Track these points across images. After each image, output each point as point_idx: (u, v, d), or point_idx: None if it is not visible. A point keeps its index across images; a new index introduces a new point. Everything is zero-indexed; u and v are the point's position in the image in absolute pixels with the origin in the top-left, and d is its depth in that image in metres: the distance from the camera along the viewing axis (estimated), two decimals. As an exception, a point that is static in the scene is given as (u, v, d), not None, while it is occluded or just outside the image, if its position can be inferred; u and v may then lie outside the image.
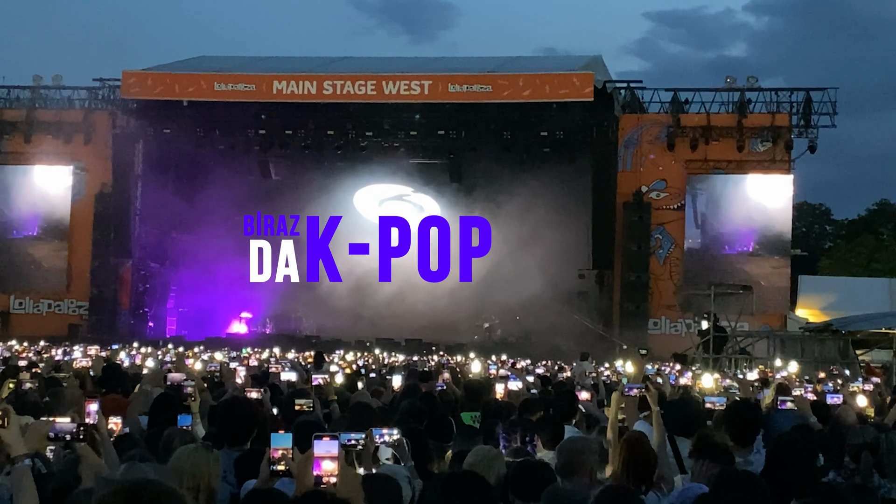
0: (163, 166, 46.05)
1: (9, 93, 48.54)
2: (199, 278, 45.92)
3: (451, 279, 43.67)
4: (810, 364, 31.36)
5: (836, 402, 12.01)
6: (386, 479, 6.09)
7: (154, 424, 9.03)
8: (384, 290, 44.19)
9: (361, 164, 46.40)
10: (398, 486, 6.14)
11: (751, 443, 8.38)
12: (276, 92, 43.29)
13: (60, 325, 45.11)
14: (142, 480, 3.89)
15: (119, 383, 12.67)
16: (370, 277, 44.82)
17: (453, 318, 43.70)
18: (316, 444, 5.22)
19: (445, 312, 43.49)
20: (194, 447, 6.06)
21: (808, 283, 47.62)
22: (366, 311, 44.24)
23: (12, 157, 48.09)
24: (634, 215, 43.86)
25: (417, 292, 43.66)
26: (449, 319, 43.53)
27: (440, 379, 14.86)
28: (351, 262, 45.20)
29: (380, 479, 6.05)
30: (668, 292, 43.43)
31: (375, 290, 44.40)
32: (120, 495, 3.16)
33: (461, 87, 42.68)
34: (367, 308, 44.30)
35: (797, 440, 7.53)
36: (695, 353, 35.15)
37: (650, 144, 44.97)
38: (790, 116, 44.25)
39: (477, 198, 45.19)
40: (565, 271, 43.11)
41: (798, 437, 7.80)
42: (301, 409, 9.11)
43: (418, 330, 42.84)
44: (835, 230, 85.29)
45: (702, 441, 7.28)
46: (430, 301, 43.42)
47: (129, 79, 44.56)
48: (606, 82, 44.80)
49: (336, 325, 44.80)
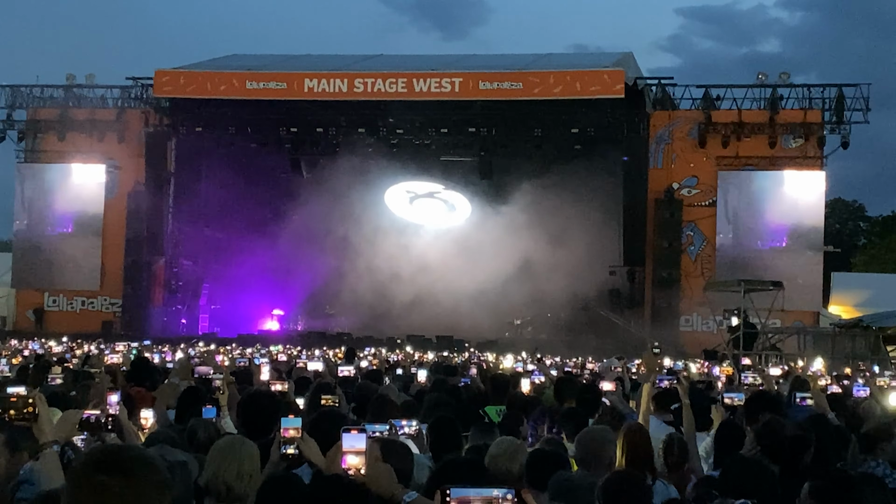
0: (195, 164, 46.32)
1: (43, 91, 48.99)
2: (231, 276, 46.14)
3: (482, 276, 43.60)
4: (841, 360, 31.20)
5: (863, 394, 11.99)
6: (402, 452, 6.15)
7: (181, 417, 9.15)
8: (416, 287, 44.14)
9: (392, 162, 46.52)
10: (411, 461, 6.21)
11: None
12: (307, 90, 43.39)
13: (94, 322, 45.52)
14: (113, 446, 3.95)
15: (148, 377, 12.80)
16: (402, 274, 44.83)
17: (484, 316, 43.71)
18: (344, 437, 5.29)
19: (476, 310, 43.49)
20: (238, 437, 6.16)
21: (840, 279, 47.41)
22: (397, 308, 44.31)
23: (46, 155, 48.54)
24: (666, 212, 43.78)
25: (449, 289, 43.60)
26: (480, 316, 43.53)
27: (466, 374, 14.93)
28: (382, 259, 45.25)
29: (395, 448, 6.11)
30: (699, 289, 43.29)
31: (407, 287, 44.39)
32: (91, 462, 3.20)
33: (492, 84, 42.65)
34: (398, 305, 44.36)
35: (780, 423, 7.61)
36: (725, 349, 35.02)
37: (681, 141, 44.85)
38: (822, 112, 43.95)
39: (507, 195, 45.11)
40: (596, 268, 43.07)
41: (781, 421, 7.85)
42: (327, 403, 9.18)
43: (449, 327, 42.82)
44: (868, 227, 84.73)
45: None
46: (460, 298, 43.38)
47: (162, 77, 44.80)
48: (637, 79, 44.66)
49: (367, 322, 44.93)
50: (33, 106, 48.67)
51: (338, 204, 45.94)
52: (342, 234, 45.67)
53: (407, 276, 44.78)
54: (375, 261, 45.29)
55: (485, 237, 45.00)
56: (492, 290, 43.79)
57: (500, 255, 43.55)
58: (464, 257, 44.80)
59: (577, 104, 42.24)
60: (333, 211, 45.60)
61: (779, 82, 44.62)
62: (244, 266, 45.07)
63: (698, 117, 44.67)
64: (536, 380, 13.50)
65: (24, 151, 48.93)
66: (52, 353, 20.56)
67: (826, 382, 13.19)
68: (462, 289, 43.52)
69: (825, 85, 44.83)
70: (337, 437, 5.51)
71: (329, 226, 45.51)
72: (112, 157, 47.80)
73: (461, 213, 49.37)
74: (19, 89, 48.67)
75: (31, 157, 48.88)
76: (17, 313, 48.17)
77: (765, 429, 7.53)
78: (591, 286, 43.01)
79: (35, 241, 47.94)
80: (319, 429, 6.20)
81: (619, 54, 47.96)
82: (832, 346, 35.72)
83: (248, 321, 47.08)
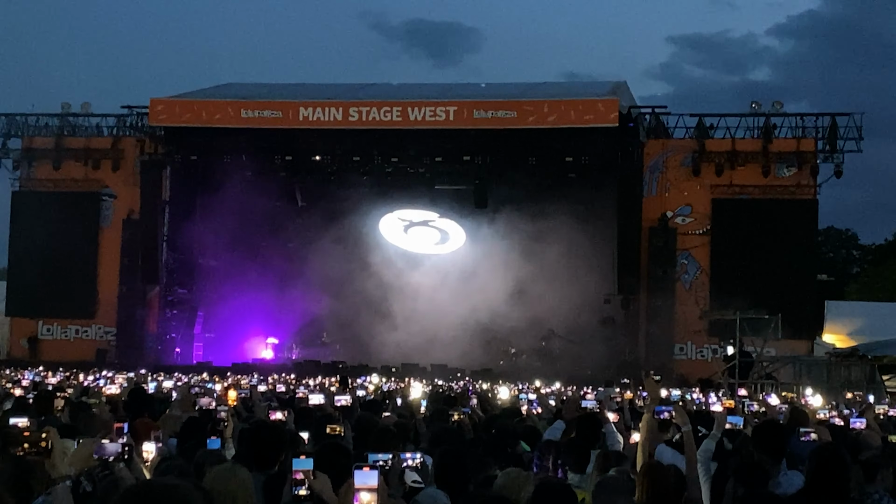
0: (190, 193, 46.29)
1: (38, 120, 48.93)
2: (225, 304, 46.03)
3: (476, 305, 43.55)
4: (837, 390, 31.22)
5: (860, 426, 12.00)
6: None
7: (184, 448, 9.15)
8: (410, 315, 44.05)
9: (387, 190, 46.61)
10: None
11: (779, 462, 8.47)
12: (302, 119, 43.52)
13: (88, 351, 45.43)
14: (152, 482, 3.96)
15: (147, 408, 12.80)
16: (396, 303, 44.82)
17: (479, 344, 43.73)
18: (356, 474, 5.26)
19: (471, 338, 43.50)
20: (230, 465, 6.17)
21: (834, 308, 47.40)
22: (391, 337, 44.19)
23: (41, 183, 48.47)
24: (660, 240, 43.87)
25: (443, 318, 43.51)
26: (474, 345, 43.55)
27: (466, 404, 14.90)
28: (377, 287, 45.23)
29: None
30: (693, 317, 43.32)
31: (401, 315, 44.34)
32: (131, 498, 3.22)
33: (486, 112, 42.79)
34: (392, 334, 44.24)
35: (836, 452, 7.61)
36: (720, 378, 35.05)
37: (675, 170, 44.96)
38: (816, 141, 44.11)
39: (502, 223, 45.12)
40: (591, 297, 43.12)
41: (836, 450, 7.86)
42: (333, 432, 9.18)
43: (444, 356, 42.78)
44: (861, 255, 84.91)
45: (742, 461, 7.39)
46: (455, 327, 43.31)
47: (157, 106, 44.90)
48: (631, 108, 44.86)
49: (362, 350, 44.79)
50: (28, 135, 48.56)
51: (332, 232, 45.94)
52: (337, 263, 45.61)
53: (401, 304, 44.73)
54: (370, 289, 45.29)
55: (479, 265, 45.01)
56: (486, 319, 43.74)
57: (495, 283, 43.51)
58: (458, 286, 44.75)
59: (571, 133, 42.31)
60: (328, 239, 45.59)
61: (772, 111, 44.78)
62: (239, 294, 44.97)
63: (692, 146, 44.80)
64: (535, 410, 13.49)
65: (18, 180, 48.85)
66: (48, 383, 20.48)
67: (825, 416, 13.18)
68: (456, 317, 43.44)
69: (818, 114, 44.98)
70: (343, 468, 5.52)
71: (323, 254, 45.47)
72: (107, 185, 47.83)
73: (455, 241, 49.35)
74: (14, 118, 48.65)
75: (26, 185, 48.80)
76: (10, 342, 48.02)
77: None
78: (586, 314, 43.03)
79: (29, 269, 47.77)
80: (326, 461, 6.20)
81: (613, 83, 48.13)
82: (827, 375, 35.75)
83: (242, 350, 46.97)
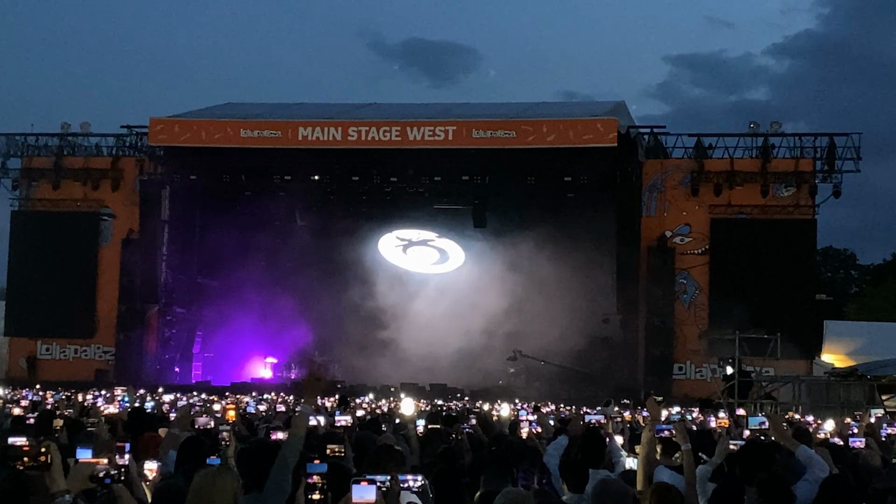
0: (189, 212, 46.34)
1: (37, 140, 49.05)
2: (224, 324, 46.02)
3: (475, 324, 43.50)
4: (836, 410, 31.19)
5: (859, 446, 11.99)
6: None
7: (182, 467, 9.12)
8: (409, 334, 44.00)
9: (386, 210, 46.68)
10: None
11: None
12: (301, 138, 43.57)
13: (87, 371, 45.40)
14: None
15: (147, 427, 12.76)
16: (395, 322, 44.78)
17: (478, 364, 43.66)
18: (354, 489, 5.25)
19: (470, 357, 43.46)
20: (216, 469, 6.17)
21: (833, 328, 47.37)
22: (390, 356, 44.15)
23: (41, 203, 48.59)
24: (658, 260, 43.94)
25: (442, 337, 43.46)
26: (473, 364, 43.50)
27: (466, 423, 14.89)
28: (376, 306, 45.21)
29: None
30: (692, 337, 43.32)
31: (400, 334, 44.29)
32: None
33: (485, 132, 42.83)
34: (391, 353, 44.21)
35: (846, 481, 7.62)
36: (720, 398, 34.99)
37: (674, 189, 45.04)
38: (814, 161, 44.25)
39: (501, 243, 45.12)
40: (590, 316, 43.03)
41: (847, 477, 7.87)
42: (333, 453, 9.14)
43: (443, 375, 42.75)
44: (860, 275, 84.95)
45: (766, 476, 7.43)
46: (454, 346, 43.28)
47: (157, 126, 44.94)
48: (630, 128, 44.93)
49: (361, 370, 44.72)
50: (28, 154, 48.70)
51: (331, 252, 45.98)
52: (336, 282, 45.69)
53: (400, 323, 44.69)
54: (369, 308, 45.25)
55: (478, 285, 44.98)
56: (485, 338, 43.70)
57: (494, 302, 43.47)
58: (457, 305, 44.69)
59: (570, 153, 42.32)
60: (327, 259, 45.59)
61: (770, 131, 44.91)
62: (238, 314, 44.98)
63: (691, 166, 44.90)
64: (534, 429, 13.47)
65: (18, 199, 48.94)
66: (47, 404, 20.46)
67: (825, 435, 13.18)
68: (455, 336, 43.37)
69: (816, 134, 45.13)
70: (343, 490, 5.52)
71: (323, 273, 45.52)
72: (106, 205, 47.94)
73: (454, 260, 49.39)
74: (14, 138, 48.77)
75: (26, 205, 48.91)
76: (9, 361, 47.97)
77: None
78: (585, 334, 42.95)
79: (28, 289, 47.78)
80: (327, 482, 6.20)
81: (612, 103, 48.23)
82: (827, 394, 35.70)
83: (241, 369, 46.96)
